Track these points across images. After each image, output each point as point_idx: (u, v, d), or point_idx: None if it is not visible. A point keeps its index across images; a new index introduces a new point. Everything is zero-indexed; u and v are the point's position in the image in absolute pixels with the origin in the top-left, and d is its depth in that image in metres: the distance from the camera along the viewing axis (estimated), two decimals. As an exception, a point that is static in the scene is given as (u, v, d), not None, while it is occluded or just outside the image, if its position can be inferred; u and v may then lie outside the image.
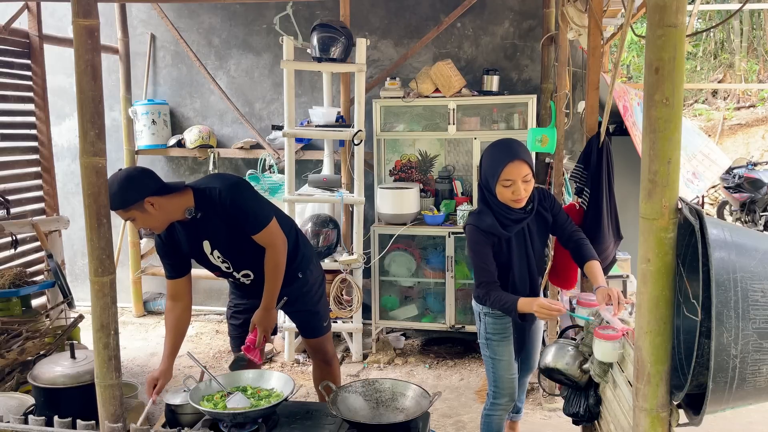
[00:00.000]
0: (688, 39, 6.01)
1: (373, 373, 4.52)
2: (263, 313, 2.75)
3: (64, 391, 2.59)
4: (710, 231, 1.46)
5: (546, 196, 2.73)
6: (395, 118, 4.95)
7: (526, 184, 2.54)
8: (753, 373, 1.46)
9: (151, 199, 2.51)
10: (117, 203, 2.46)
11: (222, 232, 2.69)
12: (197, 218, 2.64)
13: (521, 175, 2.52)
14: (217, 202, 2.62)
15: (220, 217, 2.64)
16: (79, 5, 1.85)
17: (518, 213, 2.63)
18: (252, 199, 2.71)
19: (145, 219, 2.54)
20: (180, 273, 2.78)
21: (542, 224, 2.73)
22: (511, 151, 2.55)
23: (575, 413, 2.58)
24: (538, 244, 2.75)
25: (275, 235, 2.72)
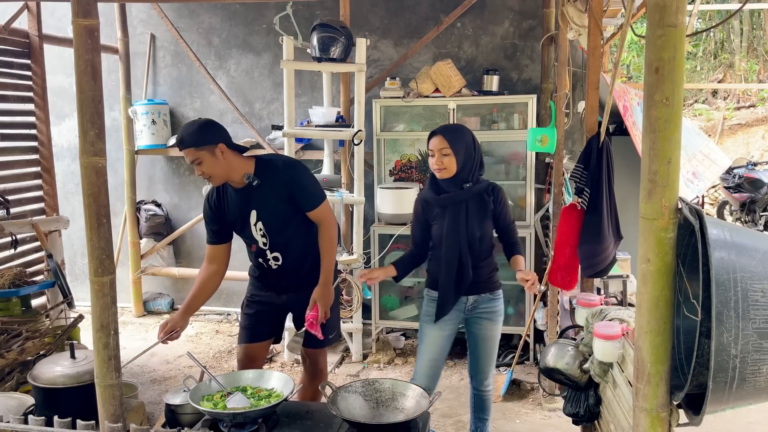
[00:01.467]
0: (688, 39, 6.01)
1: (373, 373, 4.52)
2: (322, 289, 2.81)
3: (64, 391, 2.58)
4: (710, 231, 1.46)
5: (494, 189, 2.96)
6: (395, 118, 4.95)
7: (445, 157, 2.84)
8: (753, 373, 1.46)
9: (223, 146, 2.67)
10: (192, 141, 2.63)
11: (272, 203, 2.79)
12: (253, 185, 2.75)
13: (438, 147, 2.84)
14: (278, 173, 2.76)
15: (276, 188, 2.76)
16: (79, 5, 1.85)
17: (454, 186, 2.89)
18: (310, 177, 2.85)
19: (211, 163, 2.66)
20: (219, 240, 2.91)
21: (483, 210, 2.91)
22: (437, 129, 2.92)
23: (575, 413, 2.58)
24: (474, 226, 2.89)
25: (329, 213, 2.86)
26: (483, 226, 2.91)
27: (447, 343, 3.04)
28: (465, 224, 2.87)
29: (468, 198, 2.88)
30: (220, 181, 2.77)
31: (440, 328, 2.99)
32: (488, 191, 2.92)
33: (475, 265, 2.92)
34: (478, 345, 3.06)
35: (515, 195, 4.85)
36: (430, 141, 2.89)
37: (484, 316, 3.01)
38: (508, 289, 4.82)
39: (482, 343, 3.04)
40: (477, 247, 2.91)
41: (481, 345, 3.05)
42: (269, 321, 3.02)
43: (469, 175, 2.89)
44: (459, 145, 2.84)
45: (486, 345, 3.05)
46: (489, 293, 2.99)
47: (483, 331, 3.03)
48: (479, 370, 3.11)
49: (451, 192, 2.89)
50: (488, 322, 3.01)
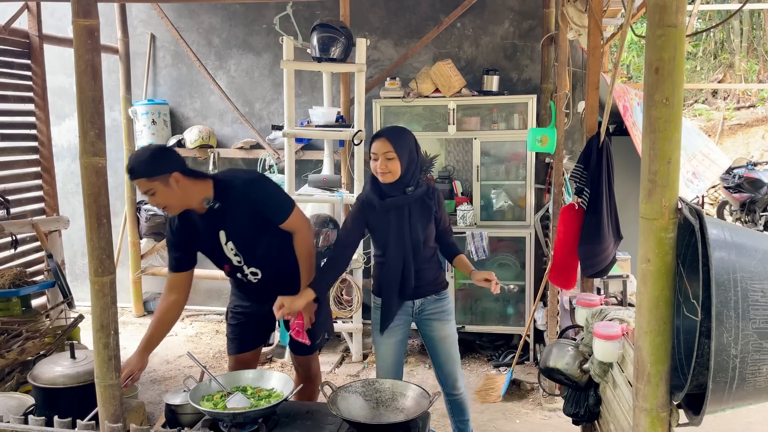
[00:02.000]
0: (688, 39, 6.02)
1: (373, 373, 4.51)
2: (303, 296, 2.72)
3: (64, 391, 2.58)
4: (710, 231, 1.46)
5: (434, 192, 2.92)
6: (395, 118, 4.95)
7: (389, 161, 2.76)
8: (753, 373, 1.46)
9: (177, 175, 2.52)
10: (144, 171, 2.48)
11: (239, 222, 2.70)
12: (214, 208, 2.64)
13: (381, 150, 2.77)
14: (240, 190, 2.64)
15: (240, 207, 2.65)
16: (79, 5, 1.85)
17: (396, 190, 2.82)
18: (275, 188, 2.76)
19: (165, 194, 2.52)
20: (183, 267, 2.79)
21: (425, 213, 2.86)
22: (380, 132, 2.85)
23: (575, 413, 2.58)
24: (418, 230, 2.84)
25: (301, 219, 2.77)
26: (427, 229, 2.87)
27: (400, 349, 2.99)
28: (409, 229, 2.82)
29: (411, 202, 2.83)
30: (176, 210, 2.64)
31: (390, 335, 2.94)
32: (429, 194, 2.88)
33: (419, 268, 2.88)
34: (435, 347, 3.01)
35: (515, 195, 4.85)
36: (372, 144, 2.81)
37: (433, 317, 2.96)
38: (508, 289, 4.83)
39: (439, 344, 2.99)
40: (421, 251, 2.87)
41: (439, 346, 3.00)
42: (255, 330, 2.97)
43: (411, 179, 2.83)
44: (403, 149, 2.78)
45: (443, 346, 2.99)
46: (435, 294, 2.95)
47: (435, 332, 2.98)
48: (446, 374, 3.03)
49: (394, 196, 2.82)
50: (437, 322, 2.96)
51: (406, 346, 3.04)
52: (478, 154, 4.76)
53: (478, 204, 4.81)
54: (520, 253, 4.73)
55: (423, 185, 2.89)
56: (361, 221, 2.88)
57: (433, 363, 3.08)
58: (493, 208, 4.85)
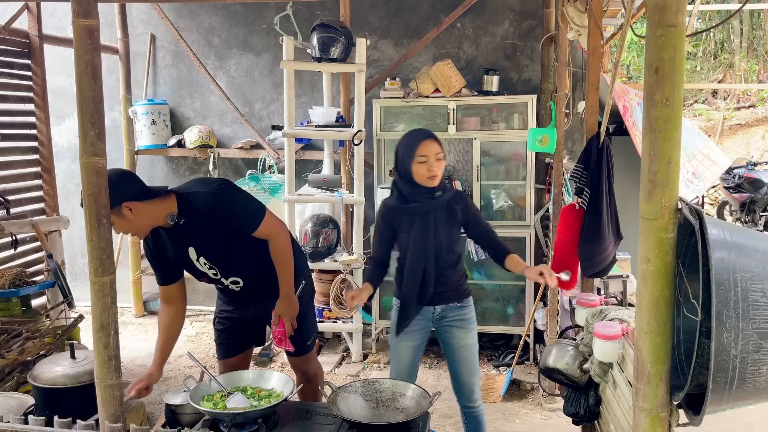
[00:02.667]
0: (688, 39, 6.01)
1: (373, 373, 4.52)
2: (284, 302, 2.71)
3: (64, 391, 2.59)
4: (710, 231, 1.46)
5: (461, 196, 2.86)
6: (395, 118, 4.95)
7: (438, 162, 2.70)
8: (753, 373, 1.46)
9: (130, 204, 2.41)
10: None
11: (208, 237, 2.60)
12: (180, 224, 2.54)
13: (433, 152, 2.69)
14: (202, 208, 2.53)
15: (206, 222, 2.55)
16: (79, 5, 1.85)
17: (424, 196, 2.75)
18: (241, 198, 2.63)
19: (123, 224, 2.45)
20: (170, 279, 2.72)
21: (451, 219, 2.79)
22: (424, 132, 2.77)
23: (575, 413, 2.58)
24: (443, 236, 2.77)
25: (274, 225, 2.66)
26: (451, 235, 2.80)
27: (416, 353, 2.94)
28: (434, 234, 2.76)
29: (437, 207, 2.76)
30: (143, 234, 2.57)
31: (407, 339, 2.89)
32: (456, 199, 2.82)
33: (441, 274, 2.81)
34: (453, 355, 2.92)
35: (515, 195, 4.85)
36: (419, 146, 2.69)
37: (453, 325, 2.88)
38: (508, 289, 4.84)
39: (457, 352, 2.90)
40: (444, 257, 2.80)
41: (457, 354, 2.91)
42: (242, 333, 2.93)
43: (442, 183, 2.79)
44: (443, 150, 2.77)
45: (462, 354, 2.90)
46: (457, 302, 2.87)
47: (455, 340, 2.89)
48: (462, 383, 2.95)
49: (420, 201, 2.75)
50: (458, 330, 2.88)
51: (422, 351, 2.97)
52: (478, 154, 4.76)
53: (478, 204, 4.81)
54: (520, 253, 4.70)
55: (451, 189, 2.85)
56: (389, 226, 2.83)
57: (450, 371, 3.00)
58: (493, 208, 4.85)
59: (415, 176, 2.72)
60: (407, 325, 2.85)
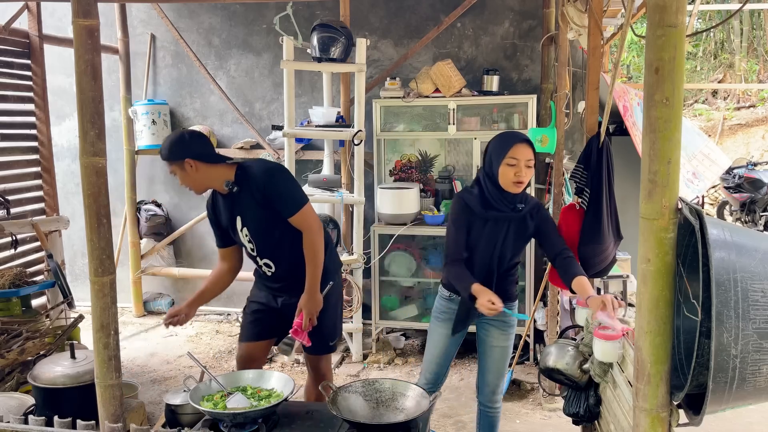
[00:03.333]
0: (688, 39, 6.01)
1: (373, 373, 4.52)
2: (307, 297, 2.80)
3: (64, 391, 2.59)
4: (710, 231, 1.46)
5: (538, 208, 2.77)
6: (395, 118, 4.95)
7: (528, 169, 2.63)
8: (753, 373, 1.46)
9: (191, 161, 2.69)
10: (164, 155, 2.72)
11: (253, 211, 2.79)
12: (233, 192, 2.77)
13: (525, 157, 2.62)
14: (252, 181, 2.75)
15: (254, 196, 2.75)
16: (79, 5, 1.85)
17: (507, 205, 2.68)
18: (288, 182, 2.81)
19: (183, 177, 2.74)
20: (225, 243, 2.98)
21: (522, 231, 2.74)
22: (519, 136, 2.69)
23: (575, 413, 2.58)
24: (510, 246, 2.74)
25: (311, 218, 2.80)
26: (517, 249, 2.78)
27: (454, 344, 2.94)
28: (501, 245, 2.71)
29: (513, 219, 2.69)
30: (199, 190, 2.83)
31: (443, 325, 2.89)
32: (533, 213, 2.74)
33: (498, 281, 2.78)
34: (485, 353, 2.93)
35: (515, 195, 4.84)
36: (512, 148, 2.60)
37: (493, 324, 2.88)
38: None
39: (489, 351, 2.91)
40: (505, 265, 2.78)
41: (488, 353, 2.91)
42: (267, 323, 3.00)
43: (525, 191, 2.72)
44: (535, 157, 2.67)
45: (493, 354, 2.90)
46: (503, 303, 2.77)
47: (491, 339, 2.90)
48: (485, 382, 2.95)
49: (502, 211, 2.68)
50: (496, 330, 2.88)
51: (457, 346, 2.97)
52: (478, 154, 4.76)
53: (478, 204, 4.80)
54: (520, 253, 4.72)
55: (532, 201, 2.77)
56: (465, 221, 2.73)
57: (478, 367, 3.00)
58: (493, 208, 4.84)
59: (500, 178, 2.65)
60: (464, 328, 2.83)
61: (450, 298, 2.89)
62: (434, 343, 2.94)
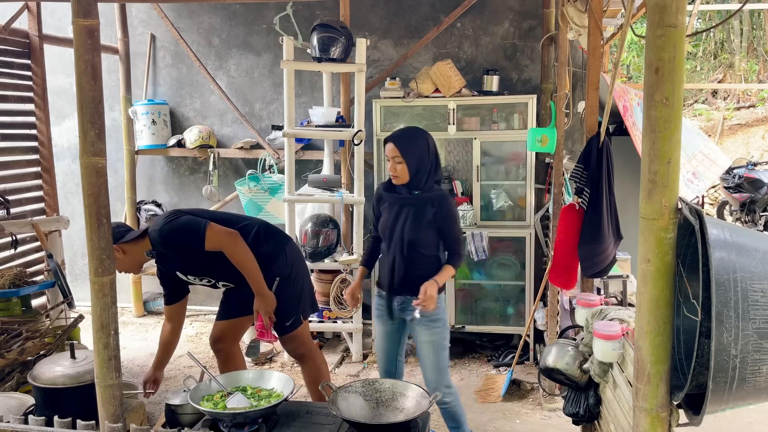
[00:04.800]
0: (688, 39, 6.02)
1: (373, 373, 4.51)
2: (258, 299, 2.97)
3: (64, 391, 2.59)
4: (710, 231, 1.46)
5: (441, 199, 2.92)
6: (395, 118, 4.95)
7: (397, 165, 2.89)
8: (753, 373, 1.46)
9: (118, 247, 2.88)
10: None
11: (179, 260, 2.99)
12: (155, 257, 2.98)
13: (391, 154, 2.91)
14: (158, 244, 2.92)
15: (168, 251, 2.93)
16: (79, 5, 1.85)
17: (399, 191, 2.96)
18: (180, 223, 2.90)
19: (120, 264, 2.92)
20: (172, 300, 3.13)
21: (419, 219, 2.90)
22: (391, 136, 2.96)
23: (575, 413, 2.58)
24: (409, 230, 2.90)
25: (219, 235, 2.89)
26: (417, 233, 2.89)
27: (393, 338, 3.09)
28: (401, 227, 2.91)
29: (413, 204, 2.91)
30: (136, 270, 3.06)
31: (378, 322, 3.10)
32: (433, 202, 2.91)
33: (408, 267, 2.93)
34: (418, 351, 3.04)
35: (515, 195, 4.85)
36: (385, 146, 2.94)
37: (418, 321, 2.92)
38: (508, 289, 4.84)
39: (420, 348, 3.01)
40: (412, 252, 2.91)
41: (420, 351, 3.01)
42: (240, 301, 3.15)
43: (421, 182, 2.91)
44: (411, 154, 2.88)
45: (422, 351, 2.99)
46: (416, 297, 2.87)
47: (417, 336, 2.99)
48: (426, 380, 3.03)
49: (401, 194, 2.95)
50: (419, 326, 2.94)
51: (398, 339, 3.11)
52: (478, 154, 4.76)
53: (478, 204, 4.81)
54: (520, 253, 4.73)
55: (435, 191, 2.93)
56: (377, 208, 3.11)
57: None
58: (493, 208, 4.85)
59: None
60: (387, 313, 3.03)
61: (379, 294, 3.09)
62: (376, 339, 3.16)
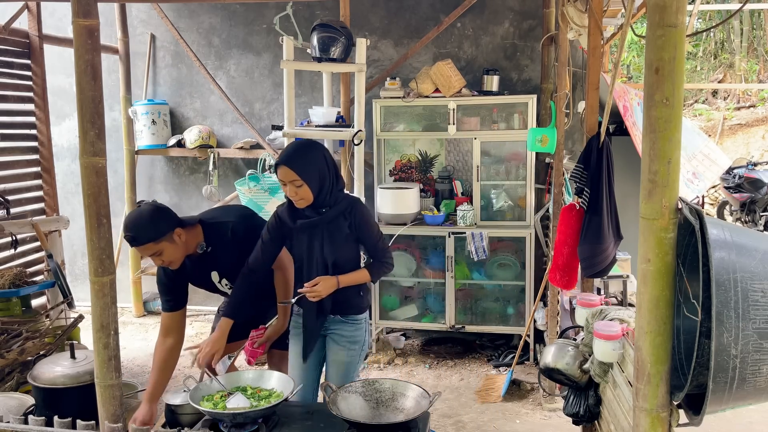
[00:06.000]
0: (688, 39, 6.01)
1: (373, 373, 4.52)
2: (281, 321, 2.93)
3: (64, 391, 2.59)
4: (710, 231, 1.46)
5: (352, 206, 2.66)
6: (395, 118, 4.95)
7: (297, 189, 2.54)
8: (753, 373, 1.46)
9: (179, 230, 2.57)
10: (150, 234, 2.48)
11: (231, 262, 2.76)
12: (207, 252, 2.72)
13: (288, 178, 2.54)
14: (229, 238, 2.71)
15: (232, 250, 2.73)
16: (79, 5, 1.85)
17: (305, 213, 2.62)
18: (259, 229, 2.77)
19: (172, 251, 2.55)
20: (177, 306, 2.80)
21: (336, 232, 2.64)
22: (281, 159, 2.56)
23: (575, 413, 2.58)
24: (331, 251, 2.63)
25: (284, 258, 2.81)
26: (338, 251, 2.64)
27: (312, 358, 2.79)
28: (320, 250, 2.63)
29: (324, 223, 2.62)
30: (179, 263, 2.64)
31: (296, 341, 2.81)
32: (346, 214, 2.64)
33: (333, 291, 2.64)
34: (327, 368, 2.80)
35: (515, 195, 4.85)
36: (276, 171, 2.56)
37: (333, 338, 2.75)
38: (508, 289, 4.84)
39: (328, 366, 2.78)
40: (332, 273, 2.63)
41: (328, 367, 2.78)
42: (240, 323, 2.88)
43: (326, 199, 2.60)
44: (310, 172, 2.54)
45: (331, 369, 2.76)
46: (340, 315, 2.72)
47: (331, 354, 2.76)
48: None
49: (309, 217, 2.62)
50: (334, 344, 2.74)
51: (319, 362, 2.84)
52: (478, 154, 4.76)
53: (478, 204, 4.81)
54: (520, 253, 4.73)
55: (343, 202, 2.65)
56: (276, 233, 2.70)
57: None
58: (493, 208, 4.85)
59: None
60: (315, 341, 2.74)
61: (298, 313, 2.78)
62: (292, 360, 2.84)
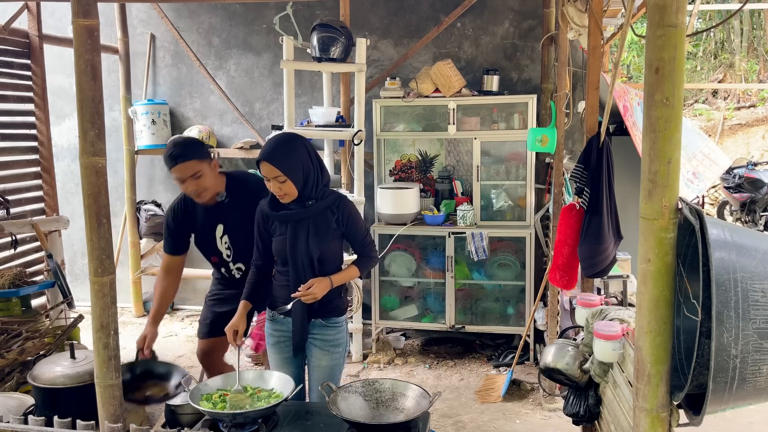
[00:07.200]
0: (688, 39, 6.01)
1: (373, 373, 4.52)
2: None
3: (64, 391, 2.59)
4: (710, 231, 1.46)
5: (339, 204, 2.62)
6: (395, 118, 4.95)
7: (281, 184, 2.50)
8: (753, 373, 1.46)
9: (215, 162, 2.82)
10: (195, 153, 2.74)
11: (240, 219, 2.83)
12: (224, 202, 2.84)
13: (271, 175, 2.49)
14: (251, 192, 2.80)
15: (246, 205, 2.79)
16: (79, 5, 1.85)
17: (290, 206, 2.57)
18: None
19: (208, 177, 2.77)
20: (179, 251, 3.01)
21: (323, 229, 2.59)
22: (262, 154, 2.51)
23: (575, 413, 2.58)
24: (316, 245, 2.56)
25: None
26: (323, 246, 2.58)
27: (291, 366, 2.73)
28: (305, 244, 2.55)
29: (310, 216, 2.56)
30: (209, 195, 2.81)
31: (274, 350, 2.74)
32: (333, 208, 2.60)
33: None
34: (310, 375, 2.73)
35: (515, 195, 4.85)
36: (259, 167, 2.51)
37: (315, 343, 2.67)
38: (509, 289, 4.84)
39: (311, 371, 2.70)
40: (316, 268, 2.58)
41: (311, 373, 2.71)
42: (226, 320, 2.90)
43: (312, 191, 2.55)
44: (293, 167, 2.48)
45: (314, 375, 2.69)
46: (321, 318, 2.65)
47: (314, 360, 2.68)
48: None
49: (294, 210, 2.56)
50: (317, 349, 2.66)
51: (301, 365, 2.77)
52: (478, 154, 4.76)
53: (478, 204, 4.81)
54: (520, 253, 4.73)
55: (329, 195, 2.61)
56: (262, 229, 2.67)
57: None
58: (493, 208, 4.85)
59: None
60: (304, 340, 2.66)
61: (273, 318, 2.73)
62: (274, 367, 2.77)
